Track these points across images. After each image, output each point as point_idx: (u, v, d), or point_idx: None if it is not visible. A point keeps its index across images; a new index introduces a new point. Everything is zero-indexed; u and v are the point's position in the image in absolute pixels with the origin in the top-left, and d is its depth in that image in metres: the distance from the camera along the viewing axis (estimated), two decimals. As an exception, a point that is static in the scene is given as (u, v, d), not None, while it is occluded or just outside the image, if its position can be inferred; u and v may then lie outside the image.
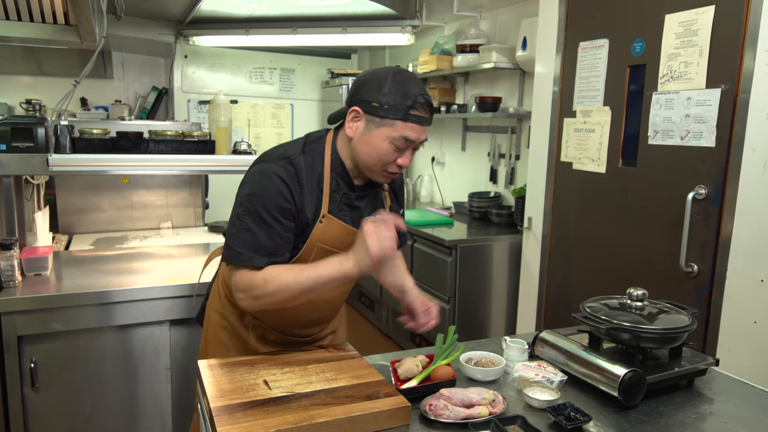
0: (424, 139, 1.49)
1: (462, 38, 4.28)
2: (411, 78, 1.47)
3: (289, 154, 1.51)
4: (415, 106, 1.43)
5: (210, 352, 1.73)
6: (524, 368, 1.49)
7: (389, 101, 1.43)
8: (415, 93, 1.43)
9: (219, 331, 1.73)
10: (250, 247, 1.45)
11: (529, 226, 3.27)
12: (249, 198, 1.47)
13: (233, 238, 1.47)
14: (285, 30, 4.89)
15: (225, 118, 2.70)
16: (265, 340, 1.71)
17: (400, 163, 1.48)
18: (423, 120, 1.46)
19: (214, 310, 1.75)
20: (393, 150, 1.46)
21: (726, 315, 2.20)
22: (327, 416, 1.21)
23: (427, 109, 1.46)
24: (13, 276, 2.17)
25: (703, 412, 1.40)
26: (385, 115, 1.43)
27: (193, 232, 3.57)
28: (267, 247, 1.45)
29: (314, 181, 1.51)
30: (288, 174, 1.47)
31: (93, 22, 2.57)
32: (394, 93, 1.43)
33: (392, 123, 1.43)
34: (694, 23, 2.28)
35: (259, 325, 1.70)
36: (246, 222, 1.46)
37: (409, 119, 1.43)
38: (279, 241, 1.47)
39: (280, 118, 6.05)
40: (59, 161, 2.27)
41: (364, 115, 1.46)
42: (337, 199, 1.54)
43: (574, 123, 2.92)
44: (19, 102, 4.79)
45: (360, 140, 1.48)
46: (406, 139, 1.45)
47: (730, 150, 2.17)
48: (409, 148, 1.48)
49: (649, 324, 1.46)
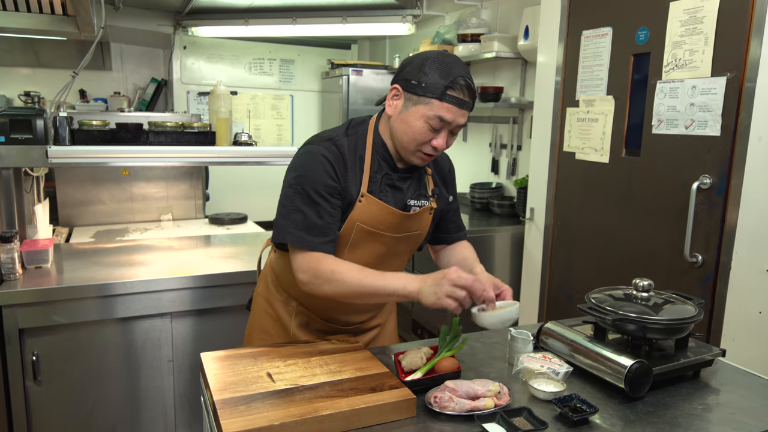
0: (462, 123, 1.47)
1: (463, 27, 4.24)
2: (455, 60, 1.46)
3: (333, 137, 1.55)
4: (453, 87, 1.42)
5: (254, 339, 1.77)
6: (529, 360, 1.48)
7: (428, 80, 1.43)
8: (455, 74, 1.42)
9: (264, 318, 1.76)
10: (302, 226, 1.47)
11: (531, 216, 3.26)
12: (297, 180, 1.50)
13: (285, 219, 1.50)
14: (284, 20, 4.86)
15: (225, 109, 2.68)
16: (308, 328, 1.71)
17: (435, 145, 1.47)
18: (461, 102, 1.44)
19: (261, 297, 1.79)
20: (428, 129, 1.45)
21: (731, 305, 2.19)
22: (331, 409, 1.20)
23: (466, 92, 1.44)
24: (13, 269, 2.16)
25: (709, 403, 1.39)
26: (422, 93, 1.43)
27: (193, 224, 3.55)
28: (317, 226, 1.47)
29: (357, 161, 1.53)
30: (332, 154, 1.50)
31: (91, 13, 2.55)
32: (434, 72, 1.43)
33: (429, 102, 1.43)
34: (700, 10, 2.25)
35: (303, 312, 1.70)
36: (296, 203, 1.49)
37: (446, 99, 1.42)
38: (328, 219, 1.49)
39: (280, 110, 6.02)
40: (59, 153, 2.26)
41: (404, 92, 1.48)
42: (378, 179, 1.54)
43: (577, 113, 2.90)
44: (17, 94, 4.76)
45: (398, 118, 1.49)
46: (441, 119, 1.43)
47: (736, 139, 2.15)
48: (445, 129, 1.46)
49: (655, 315, 1.45)
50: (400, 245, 1.62)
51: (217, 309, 2.38)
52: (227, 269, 2.41)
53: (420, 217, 1.62)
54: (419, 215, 1.61)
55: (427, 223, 1.65)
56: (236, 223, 3.63)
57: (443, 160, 1.77)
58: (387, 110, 1.53)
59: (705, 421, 1.30)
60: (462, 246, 1.78)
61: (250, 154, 2.63)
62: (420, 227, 1.64)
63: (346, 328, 1.73)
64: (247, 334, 1.81)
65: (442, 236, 1.78)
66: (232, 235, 3.22)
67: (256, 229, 3.54)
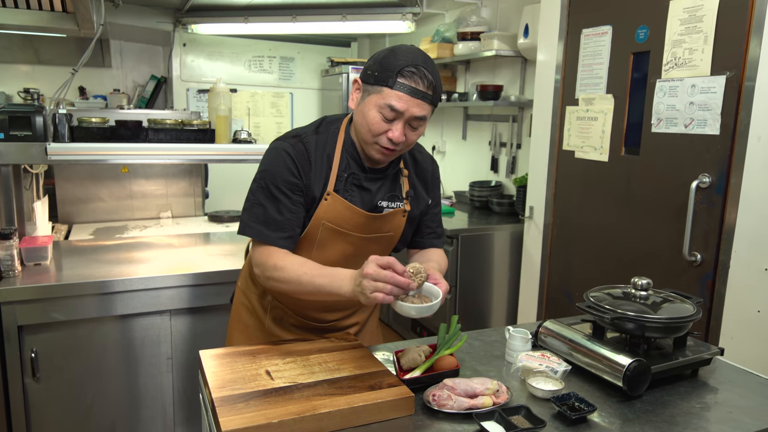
0: (417, 113, 1.40)
1: (463, 26, 4.24)
2: (413, 51, 1.42)
3: (301, 133, 1.55)
4: (403, 74, 1.37)
5: (233, 331, 1.79)
6: (528, 358, 1.48)
7: (380, 68, 1.40)
8: (408, 62, 1.38)
9: (241, 310, 1.78)
10: (261, 220, 1.49)
11: (530, 215, 3.26)
12: (261, 175, 1.52)
13: (246, 212, 1.53)
14: (284, 18, 4.85)
15: (225, 107, 2.68)
16: (283, 323, 1.71)
17: (391, 137, 1.42)
18: (413, 90, 1.37)
19: (240, 290, 1.81)
20: (381, 119, 1.41)
21: (729, 304, 2.20)
22: (330, 407, 1.20)
23: (419, 81, 1.38)
24: (12, 266, 2.16)
25: (707, 401, 1.39)
26: (374, 81, 1.41)
27: (193, 221, 3.55)
28: (277, 221, 1.48)
29: (324, 160, 1.52)
30: (296, 151, 1.50)
31: (90, 10, 2.54)
32: (388, 61, 1.40)
33: (380, 90, 1.40)
34: (699, 9, 2.25)
35: (278, 307, 1.71)
36: (258, 197, 1.51)
37: (396, 86, 1.37)
38: (288, 215, 1.49)
39: (279, 107, 6.02)
40: (58, 150, 2.26)
41: (363, 84, 1.46)
42: (344, 179, 1.53)
43: (576, 111, 2.90)
44: (17, 91, 4.76)
45: (357, 110, 1.49)
46: (392, 108, 1.38)
47: (735, 138, 2.15)
48: (400, 120, 1.41)
49: (654, 313, 1.45)
50: (370, 246, 1.59)
51: (216, 306, 2.38)
52: (226, 267, 2.41)
53: (391, 218, 1.59)
54: (390, 217, 1.59)
55: (400, 225, 1.62)
56: (235, 220, 3.63)
57: (426, 162, 1.70)
58: (350, 104, 1.52)
59: (703, 420, 1.30)
60: (432, 252, 1.71)
61: (250, 151, 2.63)
62: (392, 229, 1.61)
63: (320, 325, 1.73)
64: (229, 327, 1.83)
65: (416, 240, 1.72)
66: (232, 233, 3.22)
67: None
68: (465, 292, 3.58)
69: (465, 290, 3.58)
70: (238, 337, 1.75)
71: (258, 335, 1.72)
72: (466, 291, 3.58)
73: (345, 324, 1.78)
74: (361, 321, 1.83)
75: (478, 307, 3.66)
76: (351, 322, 1.79)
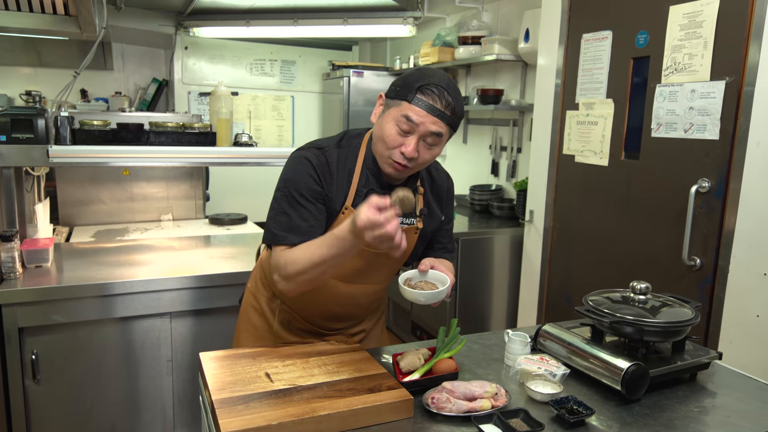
0: (433, 130, 1.42)
1: (464, 30, 4.25)
2: (438, 73, 1.46)
3: (324, 146, 1.56)
4: (423, 90, 1.41)
5: (241, 331, 1.80)
6: (527, 361, 1.49)
7: (403, 84, 1.44)
8: (429, 80, 1.42)
9: (250, 311, 1.79)
10: (286, 228, 1.49)
11: (530, 219, 3.26)
12: (284, 183, 1.53)
13: (271, 220, 1.53)
14: (286, 21, 4.87)
15: (226, 110, 2.69)
16: (290, 327, 1.72)
17: (404, 151, 1.43)
18: (430, 107, 1.41)
19: (249, 292, 1.82)
20: (397, 132, 1.43)
21: (728, 309, 2.20)
22: (329, 409, 1.21)
23: (438, 99, 1.41)
24: (13, 268, 2.17)
25: (706, 405, 1.39)
26: (395, 96, 1.45)
27: (193, 224, 3.56)
28: (301, 228, 1.48)
29: (345, 174, 1.53)
30: (319, 162, 1.51)
31: (93, 13, 2.55)
32: (412, 77, 1.45)
33: (399, 103, 1.43)
34: (699, 14, 2.26)
35: (286, 311, 1.72)
36: (282, 205, 1.51)
37: (414, 101, 1.41)
38: (312, 221, 1.49)
39: (280, 110, 6.03)
40: (59, 153, 2.27)
41: (386, 99, 1.50)
42: (363, 194, 1.53)
43: (576, 115, 2.91)
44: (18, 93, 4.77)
45: (377, 123, 1.51)
46: (408, 119, 1.41)
47: (734, 143, 2.16)
48: (414, 134, 1.43)
49: (652, 317, 1.45)
50: (382, 260, 1.59)
51: (217, 309, 2.38)
52: (227, 269, 2.41)
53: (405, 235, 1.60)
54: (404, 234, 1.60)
55: (411, 242, 1.62)
56: (236, 223, 3.64)
57: (441, 180, 1.72)
58: (372, 118, 1.53)
59: (701, 424, 1.30)
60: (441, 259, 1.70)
61: (251, 154, 2.64)
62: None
63: (327, 332, 1.73)
64: (237, 328, 1.85)
65: (426, 254, 1.72)
66: (232, 236, 3.22)
67: (256, 229, 3.54)
68: (465, 296, 3.58)
69: (465, 294, 3.58)
70: (246, 338, 1.76)
71: (266, 337, 1.73)
72: (467, 294, 3.58)
73: (352, 331, 1.78)
74: (367, 329, 1.83)
75: (478, 310, 3.66)
76: (358, 329, 1.80)
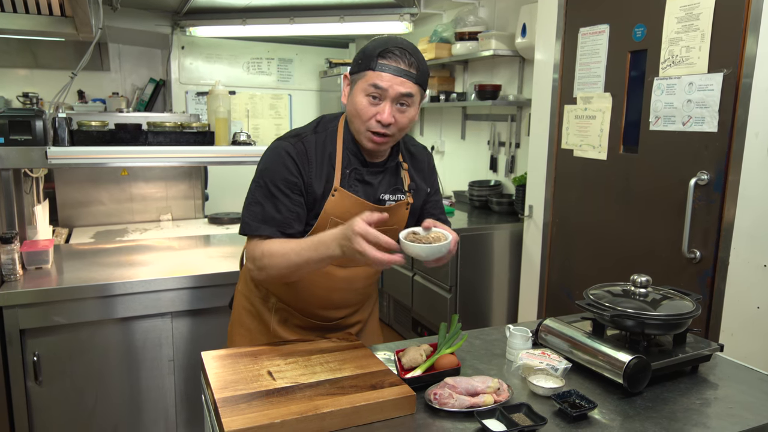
0: (402, 90, 1.43)
1: (461, 26, 4.25)
2: (392, 37, 1.48)
3: (300, 133, 1.57)
4: (384, 55, 1.42)
5: (235, 335, 1.78)
6: (528, 356, 1.49)
7: (363, 56, 1.46)
8: (386, 45, 1.44)
9: (243, 315, 1.77)
10: (260, 218, 1.50)
11: (529, 214, 3.26)
12: (260, 173, 1.54)
13: (245, 210, 1.53)
14: (282, 20, 4.86)
15: (224, 109, 2.68)
16: (288, 325, 1.72)
17: (380, 119, 1.45)
18: (395, 69, 1.42)
19: (241, 294, 1.80)
20: (369, 103, 1.45)
21: (729, 301, 2.20)
22: (332, 406, 1.21)
23: (400, 59, 1.42)
24: (14, 269, 2.17)
25: (708, 397, 1.40)
26: (358, 69, 1.47)
27: (193, 224, 3.56)
28: (275, 219, 1.49)
29: (326, 158, 1.55)
30: (297, 150, 1.52)
31: (89, 13, 2.55)
32: (369, 47, 1.46)
33: (364, 74, 1.45)
34: (696, 7, 2.26)
35: (283, 308, 1.71)
36: (256, 195, 1.52)
37: (378, 67, 1.43)
38: (286, 213, 1.50)
39: (278, 109, 6.02)
40: (58, 154, 2.26)
41: (350, 77, 1.52)
42: (347, 174, 1.56)
43: (574, 110, 2.91)
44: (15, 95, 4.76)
45: (348, 103, 1.52)
46: (376, 86, 1.42)
47: (733, 135, 2.16)
48: (387, 100, 1.44)
49: (653, 310, 1.45)
50: None
51: (217, 308, 2.38)
52: (227, 269, 2.41)
53: (396, 211, 1.62)
54: (395, 209, 1.62)
55: (403, 217, 1.65)
56: (235, 222, 3.63)
57: (421, 154, 1.75)
58: (342, 99, 1.56)
59: (703, 416, 1.31)
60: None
61: (249, 153, 2.63)
62: (396, 222, 1.63)
63: (326, 324, 1.73)
64: (229, 332, 1.82)
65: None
66: (232, 235, 3.22)
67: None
68: (465, 292, 3.58)
69: (465, 289, 3.58)
70: (240, 342, 1.74)
71: (261, 339, 1.71)
72: (467, 290, 3.58)
73: (350, 321, 1.79)
74: (363, 319, 1.84)
75: (479, 306, 3.66)
76: (356, 319, 1.81)
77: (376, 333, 1.91)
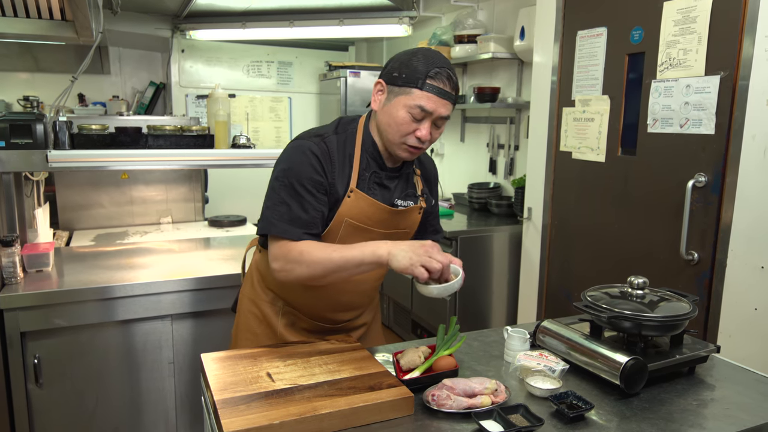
0: (444, 113, 1.48)
1: (459, 28, 4.26)
2: (436, 54, 1.49)
3: (322, 133, 1.58)
4: (433, 76, 1.44)
5: (240, 339, 1.77)
6: (526, 357, 1.50)
7: (408, 71, 1.46)
8: (435, 64, 1.45)
9: (249, 319, 1.76)
10: (287, 219, 1.49)
11: (529, 216, 3.27)
12: (284, 173, 1.52)
13: (270, 210, 1.52)
14: (282, 23, 4.87)
15: (223, 112, 2.69)
16: (295, 328, 1.72)
17: (419, 136, 1.48)
18: (441, 92, 1.45)
19: (247, 298, 1.79)
20: (410, 120, 1.47)
21: (726, 302, 2.21)
22: (330, 407, 1.22)
23: (446, 82, 1.46)
24: (14, 272, 2.18)
25: (704, 398, 1.40)
26: (403, 83, 1.47)
27: (193, 226, 3.57)
28: (302, 219, 1.49)
29: (346, 159, 1.55)
30: (320, 150, 1.52)
31: (89, 17, 2.55)
32: (415, 64, 1.46)
33: (409, 91, 1.46)
34: (693, 10, 2.27)
35: (290, 312, 1.71)
36: (282, 195, 1.51)
37: (425, 88, 1.44)
38: (313, 213, 1.50)
39: (278, 112, 6.03)
40: (59, 157, 2.27)
41: (387, 86, 1.51)
42: (366, 177, 1.57)
43: (573, 112, 2.92)
44: (16, 99, 4.78)
45: (382, 111, 1.52)
46: (422, 109, 1.45)
47: (730, 137, 2.17)
48: (427, 120, 1.48)
49: (650, 312, 1.46)
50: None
51: (217, 311, 2.39)
52: (227, 271, 2.42)
53: (409, 215, 1.64)
54: (408, 213, 1.64)
55: (415, 221, 1.68)
56: (235, 225, 3.65)
57: (430, 165, 1.79)
58: (372, 105, 1.56)
59: (700, 417, 1.31)
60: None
61: (249, 156, 2.64)
62: (408, 225, 1.66)
63: (333, 327, 1.74)
64: (234, 335, 1.82)
65: (418, 237, 1.76)
66: (232, 238, 3.23)
67: (255, 231, 3.55)
68: (464, 293, 3.59)
69: (464, 291, 3.59)
70: (245, 346, 1.72)
71: (267, 343, 1.69)
72: (466, 292, 3.59)
73: (355, 324, 1.80)
74: (368, 322, 1.85)
75: (478, 307, 3.67)
76: (361, 321, 1.82)
77: (379, 335, 1.93)
